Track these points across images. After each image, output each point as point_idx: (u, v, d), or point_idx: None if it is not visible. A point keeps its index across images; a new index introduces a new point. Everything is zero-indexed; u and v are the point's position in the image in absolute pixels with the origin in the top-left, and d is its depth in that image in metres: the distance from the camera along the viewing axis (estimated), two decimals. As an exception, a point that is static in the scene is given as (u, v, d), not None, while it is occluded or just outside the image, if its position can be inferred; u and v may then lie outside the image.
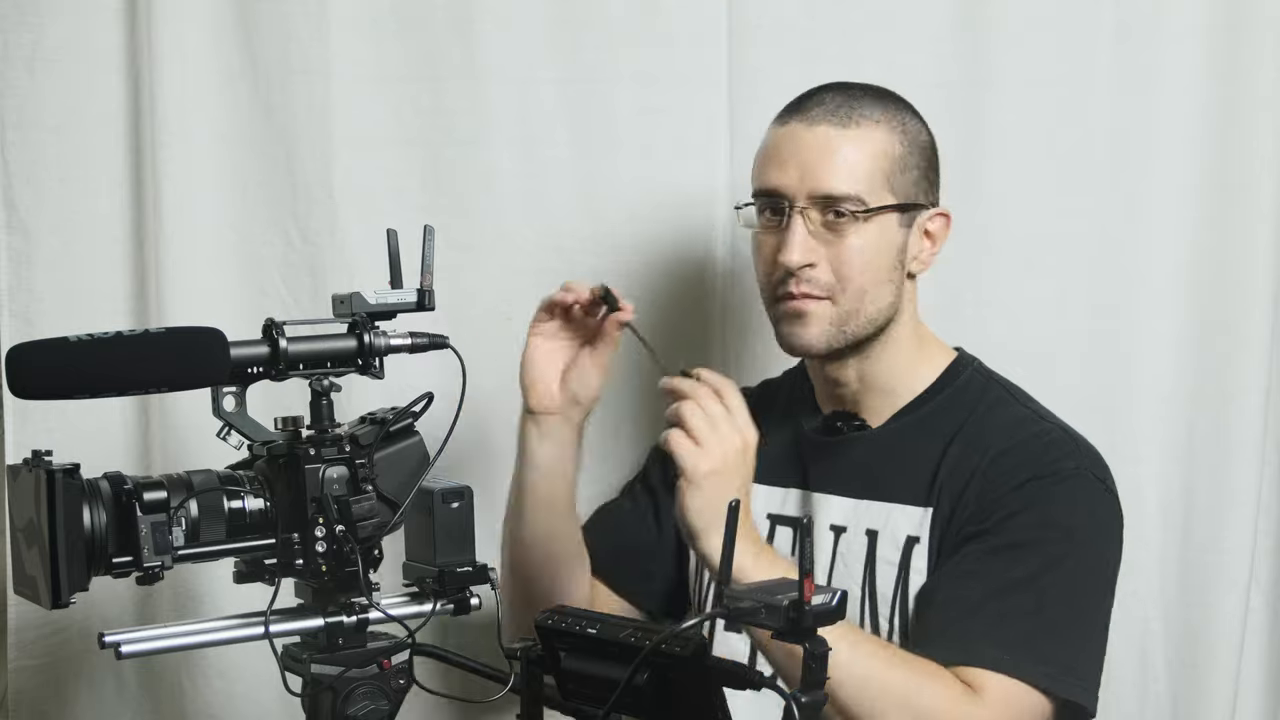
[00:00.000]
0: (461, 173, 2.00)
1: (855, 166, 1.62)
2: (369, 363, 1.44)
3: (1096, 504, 1.63)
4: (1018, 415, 1.67)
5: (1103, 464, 1.66)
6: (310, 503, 1.39)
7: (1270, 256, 2.10)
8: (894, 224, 1.65)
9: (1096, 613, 1.62)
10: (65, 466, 1.27)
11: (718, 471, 1.49)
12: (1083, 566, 1.60)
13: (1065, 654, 1.56)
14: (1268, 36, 2.08)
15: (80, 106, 1.93)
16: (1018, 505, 1.58)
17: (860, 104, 1.64)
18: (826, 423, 1.73)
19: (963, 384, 1.70)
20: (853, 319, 1.64)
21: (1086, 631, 1.60)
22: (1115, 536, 1.66)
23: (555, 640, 1.26)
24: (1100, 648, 1.63)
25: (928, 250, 1.69)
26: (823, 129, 1.63)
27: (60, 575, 1.26)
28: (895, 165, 1.64)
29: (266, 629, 1.40)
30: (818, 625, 1.13)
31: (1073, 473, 1.61)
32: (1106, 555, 1.65)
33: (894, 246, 1.65)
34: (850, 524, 1.67)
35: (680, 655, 1.15)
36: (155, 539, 1.32)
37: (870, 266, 1.63)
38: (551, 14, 2.00)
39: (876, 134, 1.63)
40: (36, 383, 1.31)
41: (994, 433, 1.64)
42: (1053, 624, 1.56)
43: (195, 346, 1.37)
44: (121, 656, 1.34)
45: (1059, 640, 1.56)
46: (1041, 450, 1.63)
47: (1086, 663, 1.59)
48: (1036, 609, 1.55)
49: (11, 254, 1.93)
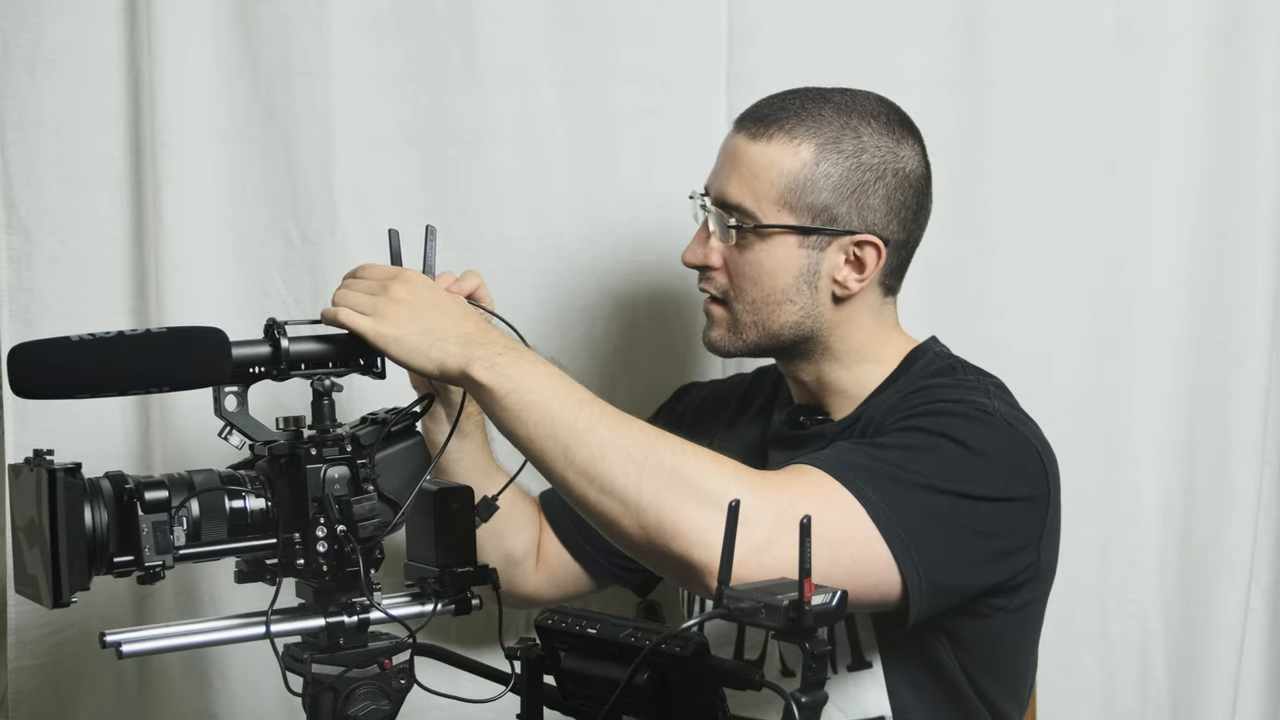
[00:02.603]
0: (461, 173, 2.00)
1: (752, 180, 1.60)
2: (370, 363, 1.45)
3: (1005, 440, 1.53)
4: (958, 380, 1.63)
5: (1035, 433, 1.57)
6: (312, 503, 1.39)
7: (1270, 256, 2.11)
8: (793, 245, 1.60)
9: (959, 516, 1.48)
10: (66, 466, 1.27)
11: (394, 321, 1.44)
12: (963, 469, 1.49)
13: (908, 511, 1.45)
14: (1268, 36, 2.08)
15: (80, 106, 1.93)
16: (916, 413, 1.54)
17: (792, 115, 1.60)
18: (792, 415, 1.73)
19: (919, 370, 1.66)
20: (749, 329, 1.64)
21: (941, 518, 1.47)
22: (1016, 484, 1.53)
23: (555, 640, 1.26)
24: (949, 554, 1.48)
25: (853, 278, 1.61)
26: (737, 138, 1.62)
27: (61, 574, 1.26)
28: (801, 185, 1.58)
29: (268, 629, 1.40)
30: (818, 625, 1.13)
31: (980, 409, 1.54)
32: (994, 484, 1.51)
33: (795, 268, 1.61)
34: None
35: (680, 655, 1.15)
36: (156, 538, 1.32)
37: (763, 284, 1.62)
38: (551, 14, 2.00)
39: (786, 150, 1.59)
40: (38, 382, 1.31)
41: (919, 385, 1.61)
42: (912, 483, 1.46)
43: (197, 346, 1.37)
44: (123, 656, 1.34)
45: (909, 497, 1.45)
46: (958, 388, 1.59)
47: (927, 543, 1.45)
48: (902, 468, 1.47)
49: (11, 254, 1.93)
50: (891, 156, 1.61)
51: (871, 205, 1.61)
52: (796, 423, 1.72)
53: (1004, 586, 1.56)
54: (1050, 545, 1.60)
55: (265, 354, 1.41)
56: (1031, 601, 1.62)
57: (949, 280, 2.04)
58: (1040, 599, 1.64)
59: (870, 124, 1.61)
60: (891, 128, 1.62)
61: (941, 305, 2.01)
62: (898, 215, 1.62)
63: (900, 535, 1.45)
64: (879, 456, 1.49)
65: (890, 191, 1.61)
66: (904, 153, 1.62)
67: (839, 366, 1.67)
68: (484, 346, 1.44)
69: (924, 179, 1.65)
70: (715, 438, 1.79)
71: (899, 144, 1.62)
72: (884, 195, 1.61)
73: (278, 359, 1.41)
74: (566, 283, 2.03)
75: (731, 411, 1.84)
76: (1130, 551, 2.13)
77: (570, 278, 2.03)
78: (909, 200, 1.63)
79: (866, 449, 1.51)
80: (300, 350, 1.42)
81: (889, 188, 1.61)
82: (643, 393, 2.06)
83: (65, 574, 1.27)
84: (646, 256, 2.03)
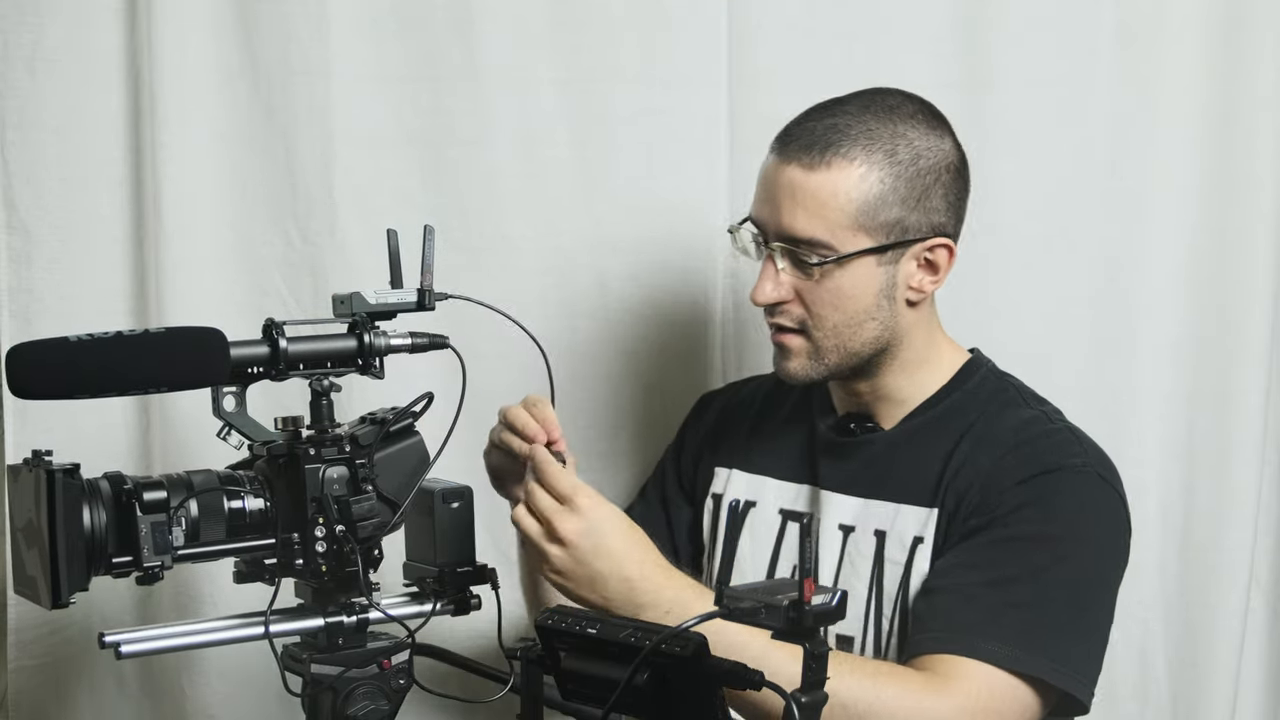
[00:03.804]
0: (462, 173, 2.00)
1: (820, 211, 1.57)
2: (369, 363, 1.45)
3: (1101, 501, 1.61)
4: (1026, 416, 1.66)
5: (1110, 465, 1.64)
6: (310, 503, 1.39)
7: (1270, 256, 2.11)
8: (872, 265, 1.59)
9: (1097, 609, 1.60)
10: (65, 466, 1.27)
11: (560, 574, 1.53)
12: (1085, 562, 1.58)
13: (1062, 647, 1.54)
14: (1268, 36, 2.08)
15: (80, 106, 1.93)
16: (1021, 499, 1.57)
17: (842, 136, 1.57)
18: (840, 423, 1.72)
19: (974, 386, 1.68)
20: (831, 354, 1.63)
21: (1086, 627, 1.58)
22: (1120, 536, 1.64)
23: (555, 640, 1.26)
24: (1099, 645, 1.61)
25: (928, 281, 1.63)
26: (791, 170, 1.58)
27: (60, 575, 1.26)
28: (872, 205, 1.57)
29: (267, 629, 1.40)
30: (818, 625, 1.13)
31: (1078, 469, 1.60)
32: (1109, 553, 1.62)
33: (874, 286, 1.60)
34: (859, 524, 1.67)
35: (680, 655, 1.15)
36: (155, 539, 1.32)
37: (844, 308, 1.60)
38: (551, 14, 2.00)
39: (849, 175, 1.56)
40: (36, 382, 1.31)
41: (1002, 433, 1.63)
42: (1051, 617, 1.54)
43: (195, 347, 1.37)
44: (121, 656, 1.34)
45: (1056, 633, 1.54)
46: (1048, 448, 1.61)
47: (1083, 658, 1.57)
48: (1036, 602, 1.54)
49: (11, 254, 1.93)
50: (941, 155, 1.61)
51: (936, 207, 1.61)
52: (846, 429, 1.72)
53: None
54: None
55: (263, 354, 1.41)
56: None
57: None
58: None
59: (913, 125, 1.60)
60: (932, 124, 1.62)
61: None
62: (955, 210, 1.64)
63: (1046, 665, 1.52)
64: (1019, 602, 1.53)
65: (947, 189, 1.62)
66: (947, 146, 1.63)
67: (902, 375, 1.67)
68: (648, 593, 1.50)
69: (965, 165, 1.66)
70: (748, 445, 1.80)
71: (941, 139, 1.62)
72: (943, 194, 1.62)
73: (276, 359, 1.41)
74: (566, 283, 2.03)
75: (755, 415, 1.83)
76: (1130, 551, 2.13)
77: (570, 278, 2.03)
78: (962, 191, 1.65)
79: (1003, 596, 1.54)
80: (298, 350, 1.42)
81: (946, 185, 1.62)
82: (644, 392, 2.06)
83: (64, 575, 1.27)
84: (647, 256, 2.03)
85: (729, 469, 1.80)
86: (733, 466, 1.80)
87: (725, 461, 1.81)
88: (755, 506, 1.76)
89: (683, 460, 1.87)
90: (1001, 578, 1.55)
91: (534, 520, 1.53)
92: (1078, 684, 1.55)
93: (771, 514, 1.74)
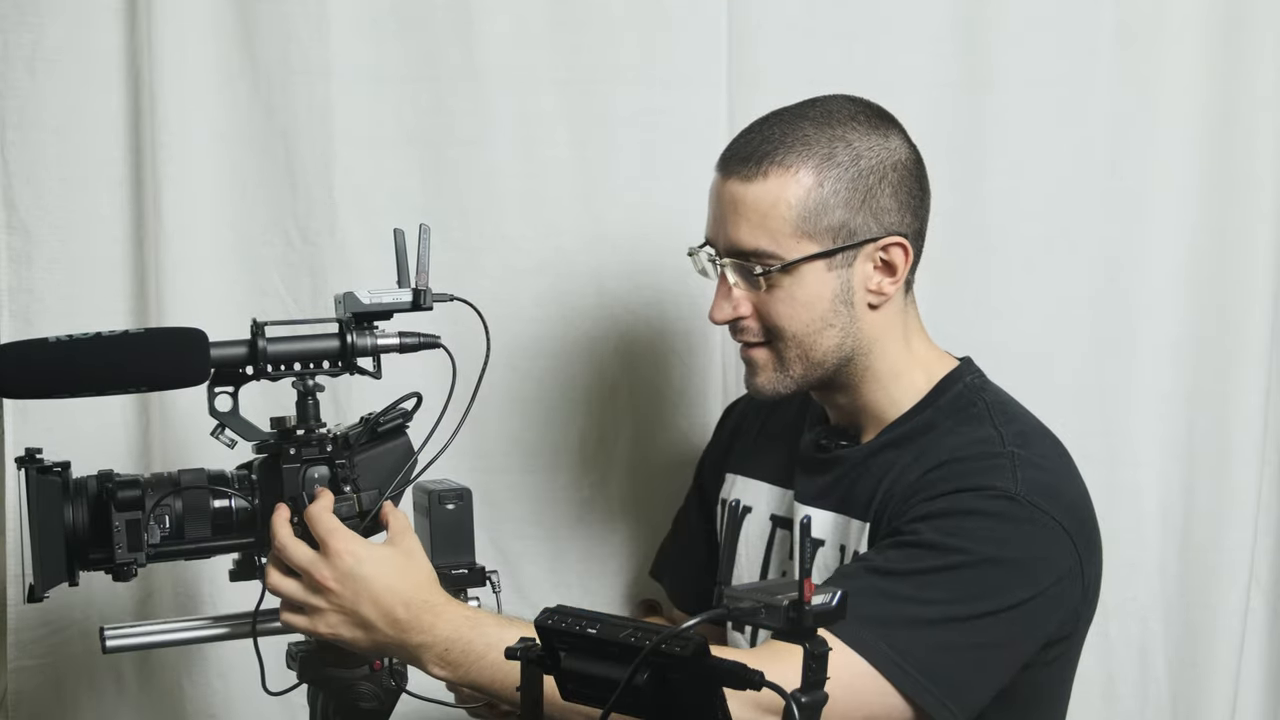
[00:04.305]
0: (461, 173, 2.00)
1: (762, 222, 1.55)
2: (351, 362, 1.44)
3: (1024, 532, 1.49)
4: (978, 435, 1.58)
5: (1063, 501, 1.53)
6: (289, 501, 1.39)
7: (1270, 256, 2.11)
8: (822, 270, 1.57)
9: (980, 633, 1.47)
10: (52, 464, 1.28)
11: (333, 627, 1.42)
12: (979, 582, 1.47)
13: (912, 643, 1.44)
14: (1268, 36, 2.08)
15: (80, 106, 1.93)
16: (929, 510, 1.51)
17: (778, 145, 1.56)
18: (818, 437, 1.70)
19: (946, 402, 1.63)
20: (795, 364, 1.60)
21: (955, 642, 1.47)
22: (1040, 571, 1.50)
23: (555, 640, 1.26)
24: (977, 675, 1.48)
25: (887, 282, 1.59)
26: (732, 185, 1.58)
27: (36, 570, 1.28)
28: (813, 211, 1.55)
29: (254, 628, 1.41)
30: (818, 625, 1.13)
31: (1002, 493, 1.50)
32: (1017, 584, 1.49)
33: (828, 292, 1.57)
34: (828, 538, 1.64)
35: (680, 655, 1.15)
36: (128, 536, 1.32)
37: (799, 317, 1.58)
38: (551, 14, 2.00)
39: (787, 183, 1.55)
40: (15, 382, 1.32)
41: (941, 450, 1.56)
42: (917, 614, 1.45)
43: (173, 346, 1.38)
44: (107, 650, 1.36)
45: (913, 629, 1.45)
46: (978, 470, 1.53)
47: (952, 676, 1.46)
48: (910, 597, 1.46)
49: (11, 254, 1.93)
50: (885, 153, 1.59)
51: (884, 207, 1.58)
52: (819, 444, 1.69)
53: (1038, 660, 1.55)
54: (1089, 600, 1.59)
55: (242, 354, 1.41)
56: (1072, 646, 1.61)
57: (949, 280, 2.04)
58: (1081, 637, 1.62)
59: (852, 128, 1.58)
60: (874, 124, 1.60)
61: (941, 305, 2.01)
62: (909, 207, 1.60)
63: (916, 680, 1.43)
64: (892, 593, 1.46)
65: (895, 187, 1.59)
66: (893, 144, 1.60)
67: (877, 388, 1.63)
68: (421, 633, 1.40)
69: (919, 163, 1.63)
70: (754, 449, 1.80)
71: (886, 138, 1.60)
72: (891, 193, 1.59)
73: (255, 358, 1.41)
74: (566, 283, 2.02)
75: (765, 418, 1.82)
76: (1130, 551, 2.13)
77: (570, 278, 2.03)
78: (914, 189, 1.61)
79: (879, 582, 1.46)
80: (278, 350, 1.42)
81: (893, 184, 1.59)
82: (643, 393, 2.06)
83: (39, 570, 1.28)
84: (646, 256, 2.02)
85: (736, 474, 1.81)
86: (738, 471, 1.81)
87: (734, 466, 1.82)
88: (751, 511, 1.76)
89: (705, 480, 1.89)
90: (883, 568, 1.49)
91: (289, 580, 1.42)
92: (931, 698, 1.44)
93: (763, 518, 1.74)
